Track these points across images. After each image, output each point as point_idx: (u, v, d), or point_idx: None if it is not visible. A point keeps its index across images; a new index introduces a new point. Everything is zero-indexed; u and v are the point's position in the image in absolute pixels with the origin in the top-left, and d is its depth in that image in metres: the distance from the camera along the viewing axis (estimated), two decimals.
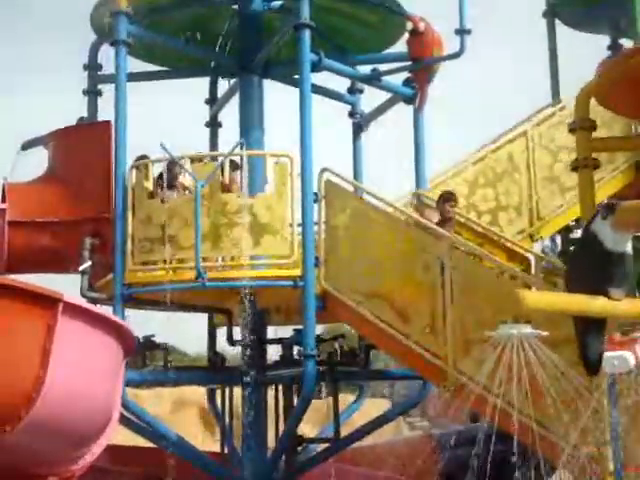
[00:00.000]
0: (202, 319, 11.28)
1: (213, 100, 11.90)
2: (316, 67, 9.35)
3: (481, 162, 10.68)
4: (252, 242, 8.64)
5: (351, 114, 11.64)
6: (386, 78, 10.45)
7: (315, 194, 8.86)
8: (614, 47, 14.27)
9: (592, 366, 4.93)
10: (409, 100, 10.20)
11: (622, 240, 4.77)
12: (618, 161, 11.21)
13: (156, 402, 21.57)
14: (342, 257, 8.77)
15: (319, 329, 10.29)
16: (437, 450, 13.04)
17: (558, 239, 12.42)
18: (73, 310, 6.17)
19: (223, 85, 11.88)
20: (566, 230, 12.31)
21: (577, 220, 11.83)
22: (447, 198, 9.23)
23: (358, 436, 9.95)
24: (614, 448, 5.99)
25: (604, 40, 14.24)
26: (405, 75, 10.36)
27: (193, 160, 9.09)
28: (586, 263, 4.81)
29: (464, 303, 7.87)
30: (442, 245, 8.01)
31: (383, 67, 10.37)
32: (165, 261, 8.72)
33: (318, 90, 10.99)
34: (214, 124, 11.92)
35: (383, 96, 11.10)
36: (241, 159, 8.87)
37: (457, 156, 11.02)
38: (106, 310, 8.22)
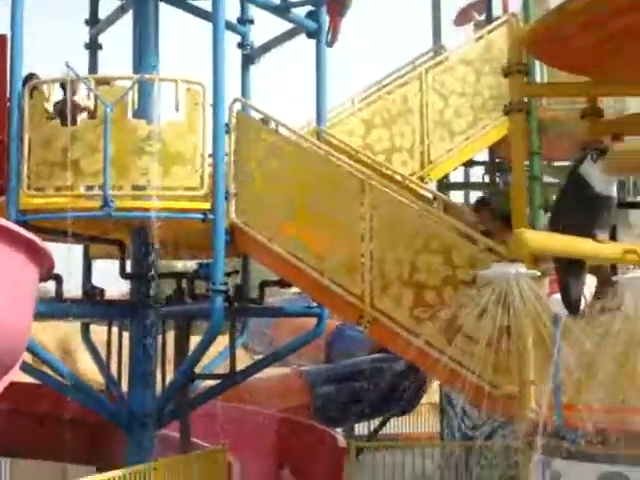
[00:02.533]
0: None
1: (94, 21, 11.29)
2: None
3: (377, 102, 10.67)
4: (161, 172, 8.31)
5: (240, 45, 11.31)
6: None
7: (226, 125, 8.59)
8: None
9: (573, 306, 5.04)
10: (312, 34, 9.99)
11: (610, 183, 4.87)
12: None
13: None
14: (254, 191, 8.57)
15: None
16: (308, 386, 13.25)
17: None
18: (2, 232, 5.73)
19: (104, 5, 11.34)
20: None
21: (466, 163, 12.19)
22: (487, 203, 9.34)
23: (251, 372, 9.85)
24: (555, 387, 6.16)
25: None
26: (308, 8, 10.13)
27: (99, 82, 8.60)
28: (574, 205, 4.89)
29: (383, 242, 7.88)
30: (361, 182, 7.96)
31: None
32: (66, 188, 8.25)
33: (206, 16, 10.64)
34: (94, 46, 11.30)
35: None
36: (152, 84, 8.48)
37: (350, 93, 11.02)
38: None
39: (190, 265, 12.70)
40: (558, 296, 5.52)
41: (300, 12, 10.15)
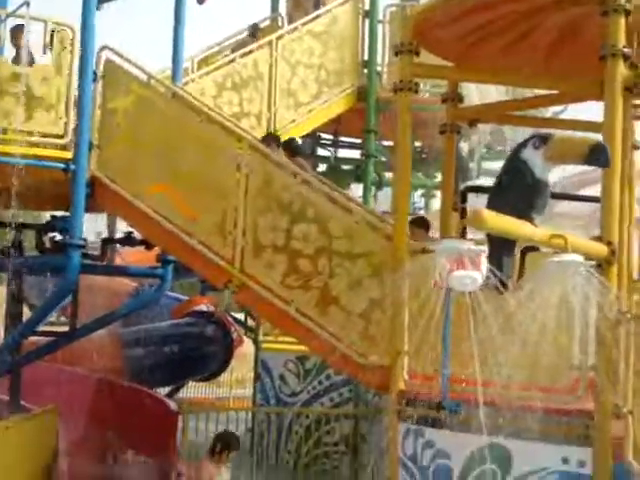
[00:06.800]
0: None
1: None
2: None
3: (229, 65, 10.55)
4: (24, 116, 7.82)
5: None
6: None
7: (95, 73, 8.19)
8: None
9: (504, 283, 5.26)
10: None
11: (548, 170, 5.12)
12: (344, 85, 11.69)
13: None
14: (120, 145, 8.21)
15: None
16: (120, 348, 12.89)
17: None
18: None
19: None
20: None
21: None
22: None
23: (91, 330, 9.45)
24: (444, 360, 6.32)
25: None
26: None
27: None
28: (515, 188, 5.09)
29: (258, 207, 7.81)
30: (240, 145, 7.84)
31: None
32: None
33: None
34: None
35: None
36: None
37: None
38: None
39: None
40: (458, 273, 5.75)
41: None
